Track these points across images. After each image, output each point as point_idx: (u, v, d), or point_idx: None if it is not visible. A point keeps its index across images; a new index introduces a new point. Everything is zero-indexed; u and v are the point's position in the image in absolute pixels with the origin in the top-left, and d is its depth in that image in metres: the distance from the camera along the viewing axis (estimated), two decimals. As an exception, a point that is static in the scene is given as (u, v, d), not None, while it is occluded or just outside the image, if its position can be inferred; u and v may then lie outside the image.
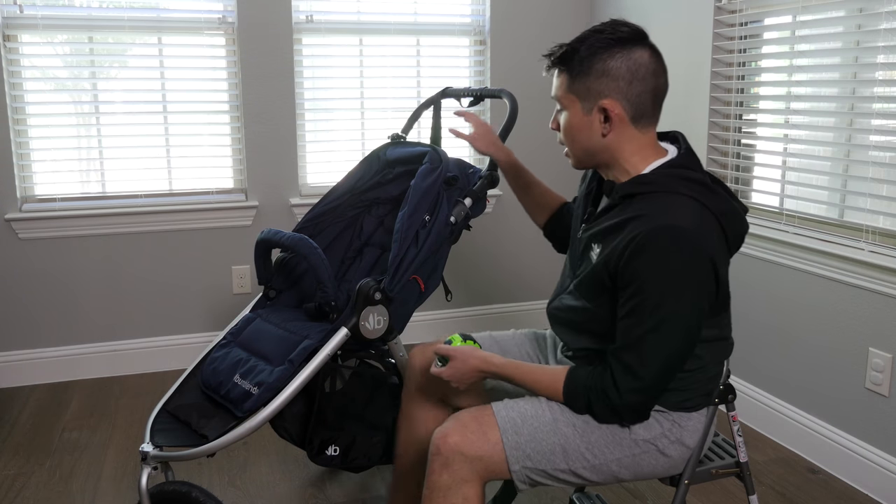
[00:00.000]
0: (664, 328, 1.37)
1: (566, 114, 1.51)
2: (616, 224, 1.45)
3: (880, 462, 2.29)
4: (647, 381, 1.40)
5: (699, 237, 1.36)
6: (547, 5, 3.59)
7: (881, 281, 2.24)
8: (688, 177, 1.44)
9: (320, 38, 3.35)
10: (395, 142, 2.24)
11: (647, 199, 1.42)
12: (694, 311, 1.38)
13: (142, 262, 3.25)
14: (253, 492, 2.35)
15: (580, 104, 1.47)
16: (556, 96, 1.52)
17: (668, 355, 1.39)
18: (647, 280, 1.36)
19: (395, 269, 1.89)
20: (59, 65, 3.10)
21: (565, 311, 1.59)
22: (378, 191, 2.28)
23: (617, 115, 1.45)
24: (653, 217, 1.38)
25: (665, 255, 1.35)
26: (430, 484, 1.46)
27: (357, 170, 2.26)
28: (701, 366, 1.51)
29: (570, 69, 1.47)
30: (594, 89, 1.45)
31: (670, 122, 3.06)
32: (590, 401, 1.45)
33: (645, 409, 1.45)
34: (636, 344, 1.39)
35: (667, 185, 1.43)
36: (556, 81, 1.51)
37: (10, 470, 2.47)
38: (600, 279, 1.45)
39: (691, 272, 1.36)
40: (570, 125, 1.50)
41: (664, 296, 1.36)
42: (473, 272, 3.70)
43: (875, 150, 2.31)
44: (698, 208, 1.39)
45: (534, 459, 1.46)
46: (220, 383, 1.86)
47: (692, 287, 1.37)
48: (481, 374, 1.54)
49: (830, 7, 2.41)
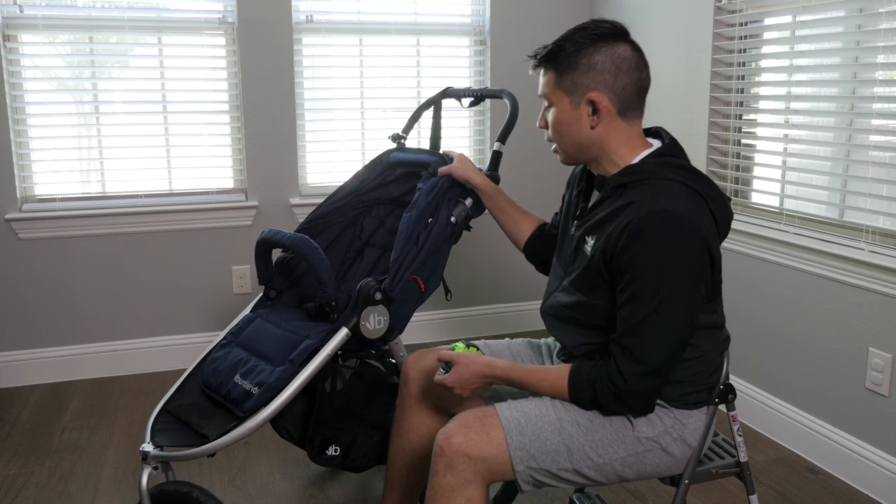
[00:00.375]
0: (664, 310, 1.39)
1: (554, 110, 1.54)
2: (609, 214, 1.47)
3: (880, 462, 2.29)
4: (651, 364, 1.41)
5: (692, 219, 1.39)
6: (547, 5, 3.59)
7: (881, 281, 2.24)
8: (676, 164, 1.49)
9: (320, 38, 3.35)
10: (399, 147, 2.24)
11: (638, 187, 1.46)
12: (691, 292, 1.41)
13: (142, 262, 3.25)
14: (253, 492, 2.35)
15: (568, 99, 1.51)
16: (543, 94, 1.56)
17: (669, 337, 1.41)
18: (643, 264, 1.39)
19: (395, 270, 1.89)
20: (60, 65, 3.10)
21: (560, 309, 1.60)
22: (379, 192, 2.29)
23: (605, 107, 1.49)
24: (645, 203, 1.41)
25: (660, 238, 1.38)
26: (433, 486, 1.45)
27: (362, 172, 2.27)
28: (699, 354, 1.52)
29: (557, 66, 1.51)
30: (581, 83, 1.49)
31: (670, 122, 3.06)
32: (595, 392, 1.46)
33: (650, 396, 1.45)
34: (637, 328, 1.41)
35: (656, 172, 1.47)
36: (543, 80, 1.55)
37: (10, 470, 2.47)
38: (597, 270, 1.47)
39: (686, 254, 1.39)
40: (558, 121, 1.54)
41: (662, 279, 1.38)
42: (473, 272, 3.70)
43: (875, 150, 2.31)
44: (689, 192, 1.44)
45: (538, 459, 1.46)
46: (221, 383, 1.86)
47: (688, 268, 1.39)
48: (485, 378, 1.54)
49: (830, 7, 2.41)
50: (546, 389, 1.51)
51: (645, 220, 1.38)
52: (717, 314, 1.54)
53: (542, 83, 1.56)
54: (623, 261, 1.41)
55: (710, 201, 1.46)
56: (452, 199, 1.98)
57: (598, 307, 1.50)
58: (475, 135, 3.65)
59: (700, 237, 1.39)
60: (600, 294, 1.49)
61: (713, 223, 1.45)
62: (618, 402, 1.45)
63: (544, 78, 1.55)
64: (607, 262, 1.45)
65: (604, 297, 1.49)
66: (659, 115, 3.13)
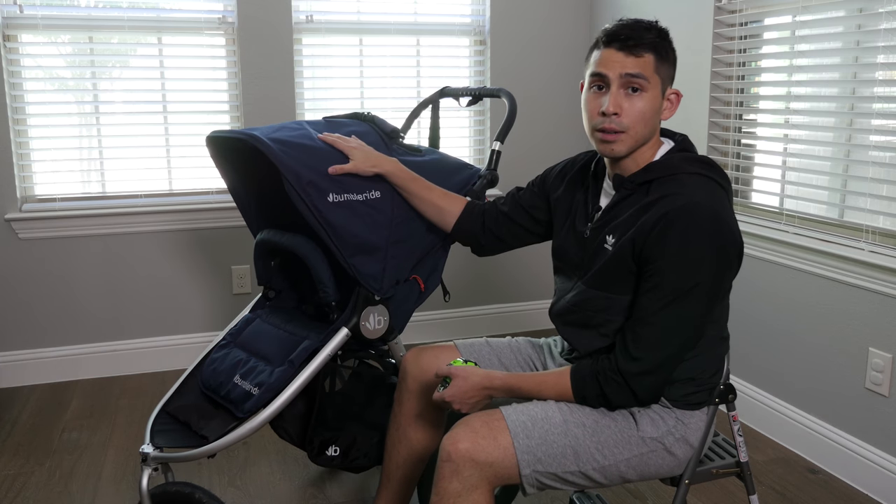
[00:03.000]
0: (685, 301, 1.41)
1: (647, 95, 1.48)
2: (638, 210, 1.48)
3: (880, 462, 2.29)
4: (664, 352, 1.43)
5: (723, 215, 1.42)
6: (547, 5, 3.59)
7: (881, 281, 2.24)
8: (696, 158, 1.52)
9: (320, 38, 3.35)
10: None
11: (665, 182, 1.48)
12: (715, 287, 1.43)
13: (142, 262, 3.25)
14: (253, 492, 2.35)
15: (661, 87, 1.51)
16: (636, 74, 1.46)
17: (685, 329, 1.43)
18: (674, 255, 1.40)
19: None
20: (60, 65, 3.10)
21: (575, 308, 1.59)
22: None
23: (677, 102, 1.55)
24: (681, 196, 1.43)
25: (694, 231, 1.40)
26: (438, 490, 1.45)
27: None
28: (700, 351, 1.53)
29: (658, 51, 1.49)
30: (670, 74, 1.53)
31: (670, 122, 3.06)
32: (600, 385, 1.46)
33: (658, 384, 1.46)
34: (655, 316, 1.42)
35: (681, 167, 1.49)
36: (637, 60, 1.47)
37: (10, 470, 2.47)
38: (622, 262, 1.48)
39: (717, 248, 1.41)
40: (650, 107, 1.49)
41: (689, 271, 1.40)
42: (473, 272, 3.70)
43: (875, 150, 2.31)
44: (714, 186, 1.47)
45: (544, 462, 1.46)
46: (221, 384, 1.85)
47: (717, 263, 1.41)
48: (485, 390, 1.53)
49: (830, 7, 2.41)
50: (548, 392, 1.51)
51: (681, 211, 1.40)
52: (725, 306, 1.56)
53: (635, 63, 1.47)
54: (654, 251, 1.42)
55: (729, 193, 1.51)
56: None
57: (615, 302, 1.51)
58: (475, 134, 3.65)
59: (731, 231, 1.42)
60: (620, 288, 1.50)
61: (734, 212, 1.50)
62: (624, 389, 1.45)
63: (639, 59, 1.47)
64: (636, 252, 1.45)
65: (625, 291, 1.50)
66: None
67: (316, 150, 1.78)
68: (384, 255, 1.86)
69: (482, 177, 2.04)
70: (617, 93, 1.48)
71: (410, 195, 1.85)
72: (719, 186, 1.48)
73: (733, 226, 1.44)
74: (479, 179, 2.04)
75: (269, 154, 1.70)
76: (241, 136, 1.78)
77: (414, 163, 1.94)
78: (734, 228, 1.44)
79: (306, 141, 1.79)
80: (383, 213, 1.84)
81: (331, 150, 1.80)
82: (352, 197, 1.79)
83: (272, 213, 2.06)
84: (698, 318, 1.43)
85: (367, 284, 1.84)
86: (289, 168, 1.70)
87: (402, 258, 1.90)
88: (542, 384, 1.51)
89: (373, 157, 1.80)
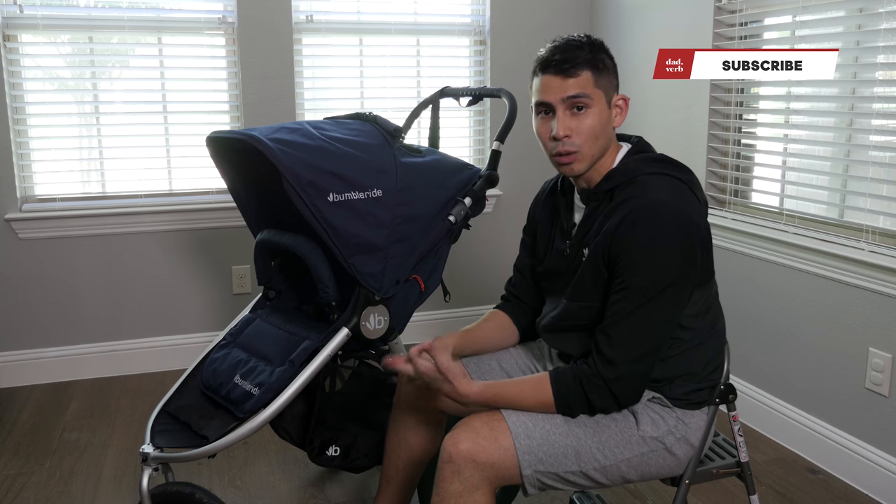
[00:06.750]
0: (654, 298, 1.43)
1: (592, 111, 1.50)
2: (604, 217, 1.50)
3: (880, 462, 2.29)
4: (639, 350, 1.44)
5: (683, 209, 1.45)
6: (547, 5, 3.59)
7: (881, 281, 2.24)
8: (653, 158, 1.55)
9: (320, 38, 3.35)
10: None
11: (626, 187, 1.50)
12: (682, 280, 1.45)
13: (142, 262, 3.25)
14: (253, 492, 2.35)
15: (605, 99, 1.52)
16: (577, 95, 1.48)
17: (658, 325, 1.45)
18: (637, 255, 1.43)
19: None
20: (60, 65, 3.10)
21: (559, 320, 1.61)
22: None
23: (626, 108, 1.56)
24: (638, 197, 1.45)
25: (654, 230, 1.42)
26: (439, 491, 1.45)
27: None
28: (698, 342, 1.54)
29: (594, 66, 1.50)
30: (613, 84, 1.54)
31: (670, 122, 3.06)
32: (584, 389, 1.46)
33: (639, 383, 1.47)
34: (627, 317, 1.44)
35: (639, 168, 1.52)
36: (575, 81, 1.48)
37: (10, 470, 2.47)
38: (598, 270, 1.49)
39: (679, 243, 1.43)
40: (597, 122, 1.51)
41: (654, 268, 1.42)
42: (473, 272, 3.70)
43: (875, 150, 2.31)
44: (674, 182, 1.49)
45: (546, 463, 1.46)
46: (221, 384, 1.85)
47: (680, 257, 1.44)
48: (463, 403, 1.50)
49: (830, 7, 2.41)
50: (525, 401, 1.48)
51: (639, 212, 1.43)
52: (710, 302, 1.56)
53: (574, 84, 1.48)
54: (619, 253, 1.44)
55: (692, 186, 1.52)
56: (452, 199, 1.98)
57: (596, 311, 1.51)
58: (475, 134, 3.65)
59: (693, 224, 1.45)
60: (598, 296, 1.51)
61: (698, 204, 1.51)
62: (607, 393, 1.45)
63: (577, 79, 1.48)
64: (604, 255, 1.47)
65: (600, 297, 1.50)
66: (659, 115, 3.13)
67: (316, 149, 1.78)
68: (384, 254, 1.86)
69: (482, 177, 2.05)
70: (563, 115, 1.50)
71: (475, 349, 1.75)
72: (679, 181, 1.50)
73: (696, 217, 1.47)
74: (479, 179, 2.04)
75: (269, 154, 1.70)
76: (240, 136, 1.78)
77: (414, 163, 1.94)
78: (697, 220, 1.47)
79: (306, 140, 1.79)
80: (384, 213, 1.84)
81: (331, 149, 1.80)
82: (352, 196, 1.79)
83: (272, 213, 2.06)
84: (671, 310, 1.45)
85: (368, 284, 1.84)
86: (288, 168, 1.71)
87: (402, 258, 1.90)
88: (521, 393, 1.48)
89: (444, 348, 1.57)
